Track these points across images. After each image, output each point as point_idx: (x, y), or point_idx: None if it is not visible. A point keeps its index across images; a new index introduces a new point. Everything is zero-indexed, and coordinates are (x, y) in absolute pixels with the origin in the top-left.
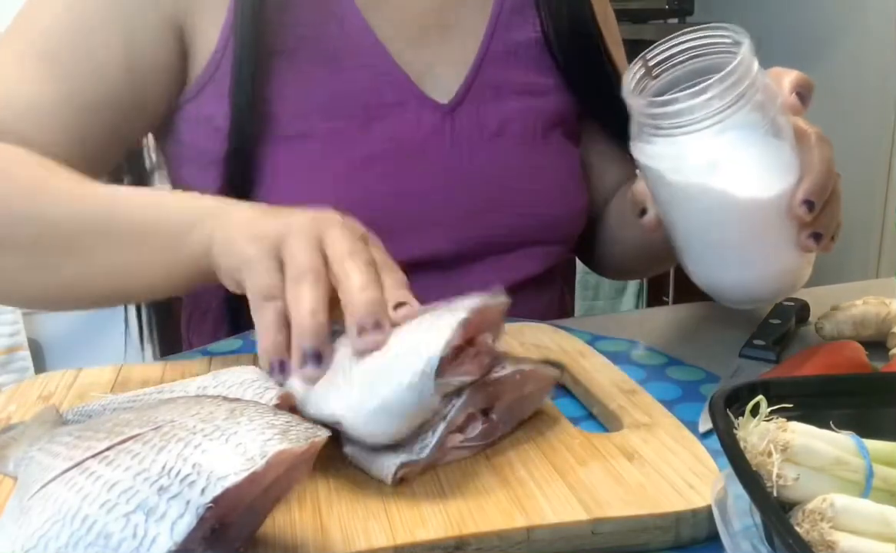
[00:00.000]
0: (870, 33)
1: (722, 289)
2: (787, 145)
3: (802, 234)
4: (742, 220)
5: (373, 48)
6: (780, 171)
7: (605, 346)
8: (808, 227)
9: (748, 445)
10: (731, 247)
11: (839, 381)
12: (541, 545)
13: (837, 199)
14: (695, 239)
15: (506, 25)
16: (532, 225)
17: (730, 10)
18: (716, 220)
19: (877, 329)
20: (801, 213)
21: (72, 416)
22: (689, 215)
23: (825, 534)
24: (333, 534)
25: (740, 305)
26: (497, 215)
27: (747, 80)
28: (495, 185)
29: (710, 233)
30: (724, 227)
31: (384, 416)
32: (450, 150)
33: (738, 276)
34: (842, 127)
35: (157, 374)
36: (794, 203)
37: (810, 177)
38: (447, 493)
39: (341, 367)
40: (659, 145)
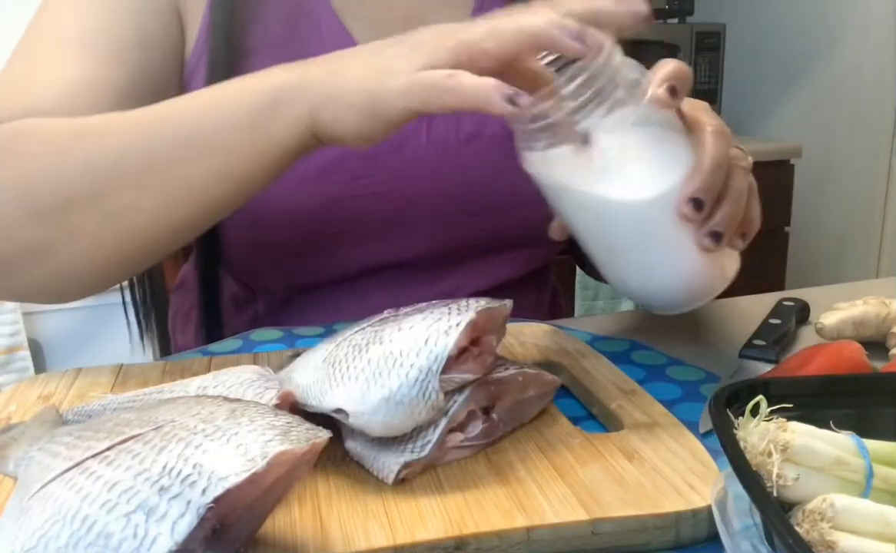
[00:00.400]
0: (870, 33)
1: (634, 295)
2: (671, 141)
3: (699, 234)
4: (625, 224)
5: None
6: (661, 170)
7: (605, 346)
8: (703, 226)
9: (748, 445)
10: (624, 253)
11: (839, 381)
12: (541, 545)
13: (738, 194)
14: (591, 245)
15: None
16: (513, 227)
17: (730, 10)
18: (600, 226)
19: (877, 329)
20: (686, 211)
21: (72, 416)
22: (575, 222)
23: (825, 534)
24: (333, 534)
25: (663, 311)
26: (476, 218)
27: (602, 78)
28: (473, 187)
29: (600, 239)
30: (610, 233)
31: (389, 406)
32: (426, 151)
33: (642, 282)
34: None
35: (157, 374)
36: (680, 201)
37: (697, 173)
38: (447, 493)
39: (339, 362)
40: (533, 152)
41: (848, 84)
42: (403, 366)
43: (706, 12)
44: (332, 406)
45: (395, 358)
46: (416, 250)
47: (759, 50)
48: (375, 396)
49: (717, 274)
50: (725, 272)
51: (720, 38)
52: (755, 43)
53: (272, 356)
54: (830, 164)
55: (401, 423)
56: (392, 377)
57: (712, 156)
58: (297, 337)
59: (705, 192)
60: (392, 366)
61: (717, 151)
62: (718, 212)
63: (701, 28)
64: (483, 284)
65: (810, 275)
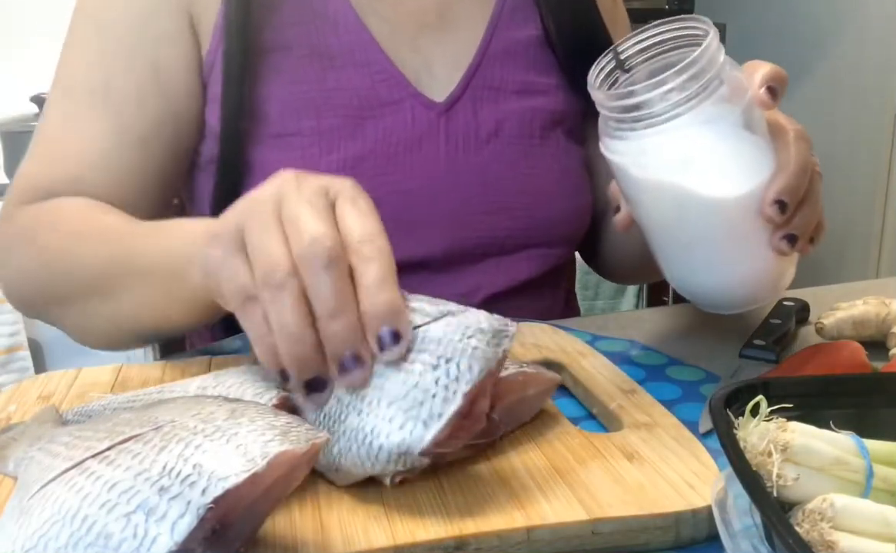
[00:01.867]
0: (870, 33)
1: (695, 292)
2: (758, 142)
3: (775, 236)
4: (707, 219)
5: (367, 46)
6: (748, 169)
7: (605, 346)
8: (781, 229)
9: (748, 445)
10: (699, 248)
11: (839, 381)
12: (541, 545)
13: (815, 199)
14: (663, 239)
15: (507, 23)
16: (529, 227)
17: (730, 9)
18: (681, 219)
19: (877, 329)
20: (771, 213)
21: (72, 416)
22: (654, 214)
23: (825, 534)
24: (333, 534)
25: (718, 310)
26: (493, 217)
27: (710, 72)
28: (490, 186)
29: (677, 233)
30: (689, 227)
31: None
32: (444, 149)
33: (709, 279)
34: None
35: (157, 374)
36: (765, 203)
37: (783, 175)
38: (447, 493)
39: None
40: (622, 140)
41: (848, 84)
42: (373, 446)
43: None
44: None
45: (365, 436)
46: (433, 249)
47: (759, 50)
48: (348, 464)
49: (780, 278)
50: (788, 276)
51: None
52: (755, 43)
53: None
54: (830, 164)
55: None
56: (362, 454)
57: (797, 160)
58: None
59: (790, 195)
60: (362, 443)
61: (802, 155)
62: (798, 215)
63: None
64: (501, 284)
65: (810, 275)
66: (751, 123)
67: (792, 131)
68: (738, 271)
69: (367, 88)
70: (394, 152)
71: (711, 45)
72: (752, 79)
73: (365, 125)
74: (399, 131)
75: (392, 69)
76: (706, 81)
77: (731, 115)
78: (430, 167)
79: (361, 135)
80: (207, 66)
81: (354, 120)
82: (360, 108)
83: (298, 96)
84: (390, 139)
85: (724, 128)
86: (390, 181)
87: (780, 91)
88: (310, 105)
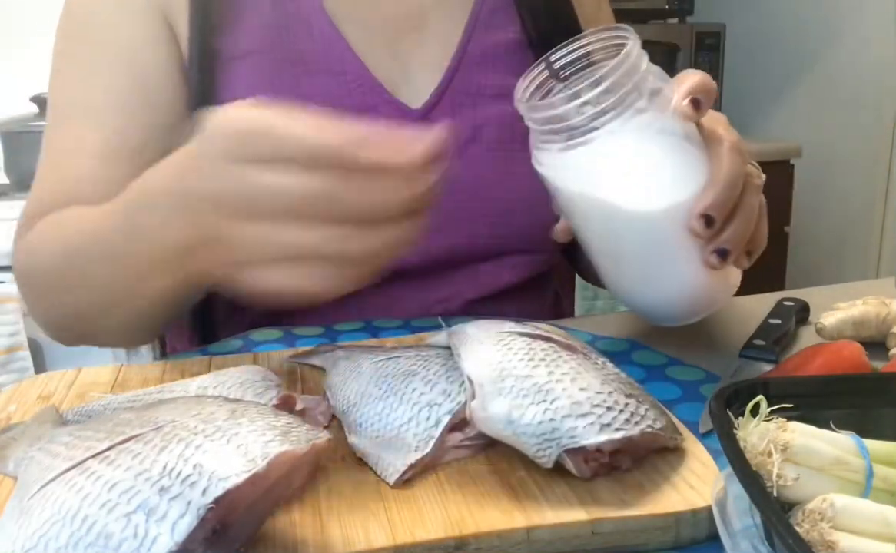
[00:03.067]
0: (869, 33)
1: (632, 304)
2: (689, 153)
3: (706, 251)
4: (633, 233)
5: (341, 53)
6: (674, 182)
7: (605, 346)
8: (710, 243)
9: (748, 445)
10: (629, 262)
11: (839, 381)
12: (541, 545)
13: (749, 213)
14: (594, 252)
15: (485, 26)
16: (509, 234)
17: (730, 10)
18: (608, 233)
19: (877, 329)
20: (697, 227)
21: (72, 415)
22: (583, 226)
23: (825, 534)
24: (333, 534)
25: (658, 323)
26: (471, 225)
27: (626, 85)
28: (469, 193)
29: (606, 246)
30: (616, 241)
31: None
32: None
33: (644, 293)
34: (842, 127)
35: (157, 374)
36: (691, 216)
37: (710, 189)
38: (447, 493)
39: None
40: (547, 153)
41: (848, 84)
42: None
43: (706, 12)
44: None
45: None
46: (415, 255)
47: (759, 50)
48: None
49: (720, 289)
50: (727, 288)
51: (720, 38)
52: (755, 43)
53: (272, 356)
54: (830, 164)
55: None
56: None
57: (727, 172)
58: (297, 337)
59: (717, 209)
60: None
61: (733, 168)
62: (728, 229)
63: (701, 28)
64: (483, 290)
65: (810, 275)
66: (681, 135)
67: (726, 142)
68: (671, 286)
69: (341, 95)
70: None
71: (629, 56)
72: (678, 89)
73: None
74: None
75: (367, 75)
76: (623, 94)
77: (653, 127)
78: None
79: None
80: (186, 69)
81: None
82: (333, 115)
83: (271, 103)
84: None
85: (648, 140)
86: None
87: (706, 102)
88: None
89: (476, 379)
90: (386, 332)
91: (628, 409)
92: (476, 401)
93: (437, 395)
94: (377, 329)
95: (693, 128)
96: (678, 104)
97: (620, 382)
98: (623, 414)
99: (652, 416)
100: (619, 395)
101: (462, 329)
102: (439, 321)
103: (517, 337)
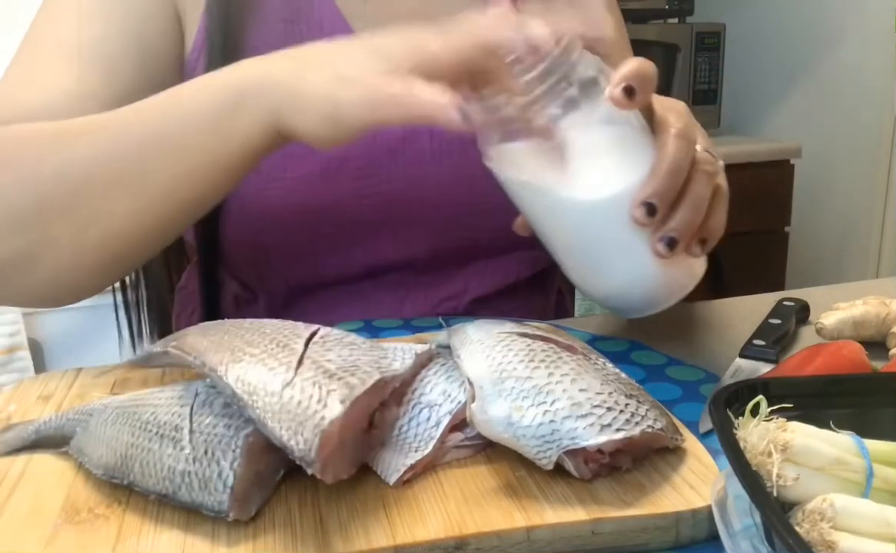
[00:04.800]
0: (870, 33)
1: (592, 295)
2: (629, 143)
3: (652, 239)
4: (577, 223)
5: None
6: (615, 171)
7: (605, 346)
8: (657, 231)
9: (748, 445)
10: (581, 252)
11: (839, 381)
12: (541, 545)
13: (698, 200)
14: (548, 243)
15: None
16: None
17: (730, 10)
18: (554, 224)
19: (877, 329)
20: (638, 215)
21: (72, 415)
22: (532, 218)
23: (825, 534)
24: (333, 534)
25: (621, 314)
26: (478, 219)
27: (556, 74)
28: (476, 188)
29: (555, 236)
30: (564, 231)
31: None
32: (429, 150)
33: (600, 283)
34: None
35: (157, 373)
36: (633, 204)
37: (653, 177)
38: (447, 493)
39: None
40: (492, 147)
41: (848, 84)
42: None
43: (706, 12)
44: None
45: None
46: (420, 251)
47: (759, 50)
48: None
49: (677, 279)
50: (689, 277)
51: (720, 38)
52: (755, 43)
53: None
54: (830, 164)
55: None
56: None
57: (670, 160)
58: None
59: (659, 197)
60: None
61: (676, 155)
62: (674, 218)
63: (701, 28)
64: (488, 287)
65: (810, 275)
66: (623, 123)
67: (673, 129)
68: (624, 276)
69: None
70: (378, 154)
71: (559, 45)
72: (612, 77)
73: None
74: (384, 133)
75: None
76: (551, 84)
77: (588, 117)
78: (414, 169)
79: None
80: (190, 66)
81: None
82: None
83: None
84: (375, 141)
85: (588, 129)
86: (375, 183)
87: (642, 88)
88: None
89: (476, 380)
90: (386, 332)
91: (629, 409)
92: (476, 403)
93: (437, 396)
94: (377, 329)
95: (637, 116)
96: (611, 92)
97: (620, 383)
98: (623, 414)
99: (652, 416)
100: (619, 395)
101: (462, 329)
102: (440, 321)
103: (517, 338)
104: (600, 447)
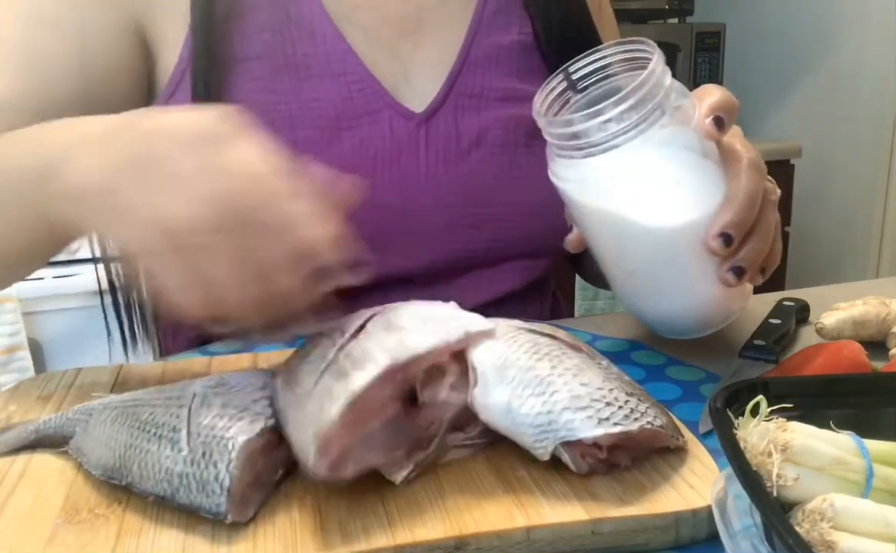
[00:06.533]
0: (870, 33)
1: (643, 317)
2: (707, 170)
3: (722, 268)
4: (648, 248)
5: (343, 56)
6: (692, 199)
7: (605, 346)
8: (727, 261)
9: (748, 445)
10: (642, 276)
11: (839, 381)
12: (541, 545)
13: (766, 230)
14: (608, 265)
15: (488, 28)
16: (513, 240)
17: (730, 10)
18: (623, 247)
19: (877, 329)
20: (715, 246)
21: (72, 415)
22: (598, 240)
23: (825, 534)
24: (333, 534)
25: (668, 336)
26: (475, 230)
27: (650, 102)
28: (472, 198)
29: (620, 260)
30: (632, 256)
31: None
32: (424, 161)
33: (655, 307)
34: (842, 127)
35: (157, 373)
36: (709, 235)
37: (729, 207)
38: (447, 493)
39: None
40: (564, 165)
41: (848, 84)
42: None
43: (706, 12)
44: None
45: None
46: (415, 262)
47: (759, 50)
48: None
49: (732, 304)
50: (739, 302)
51: (720, 38)
52: (755, 43)
53: (272, 356)
54: (830, 164)
55: None
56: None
57: (746, 191)
58: (298, 337)
59: (736, 228)
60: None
61: (752, 187)
62: (745, 247)
63: (701, 28)
64: (484, 297)
65: (810, 275)
66: (699, 151)
67: (745, 160)
68: (684, 300)
69: (343, 99)
70: (371, 165)
71: (654, 73)
72: (699, 107)
73: (341, 137)
74: (377, 143)
75: (369, 79)
76: (646, 112)
77: (674, 144)
78: (409, 180)
79: (338, 147)
80: (173, 85)
81: (331, 131)
82: (336, 119)
83: (272, 107)
84: (367, 151)
85: (667, 157)
86: (368, 195)
87: (728, 120)
88: (284, 116)
89: (479, 367)
90: None
91: (628, 405)
92: (478, 388)
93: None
94: None
95: (712, 144)
96: (700, 122)
97: (622, 382)
98: (622, 410)
99: (652, 414)
100: (619, 392)
101: None
102: None
103: (524, 332)
104: (597, 441)
